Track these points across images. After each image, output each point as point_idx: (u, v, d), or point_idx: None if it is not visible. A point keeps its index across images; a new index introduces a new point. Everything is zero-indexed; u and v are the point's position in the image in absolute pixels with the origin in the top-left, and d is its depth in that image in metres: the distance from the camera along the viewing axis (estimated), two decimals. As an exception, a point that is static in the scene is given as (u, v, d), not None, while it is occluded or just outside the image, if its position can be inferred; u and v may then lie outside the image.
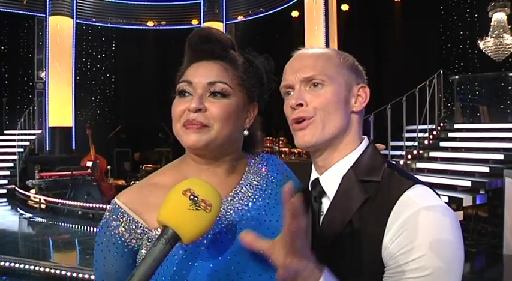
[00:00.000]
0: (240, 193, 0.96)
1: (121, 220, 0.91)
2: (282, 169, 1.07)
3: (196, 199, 0.75)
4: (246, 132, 0.99)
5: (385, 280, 0.80)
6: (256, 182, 0.99)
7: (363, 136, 0.96)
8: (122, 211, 0.91)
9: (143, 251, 0.89)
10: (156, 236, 0.86)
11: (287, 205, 0.72)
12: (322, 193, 0.92)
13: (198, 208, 0.74)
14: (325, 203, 0.92)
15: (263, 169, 1.03)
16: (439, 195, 0.85)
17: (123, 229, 0.90)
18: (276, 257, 0.75)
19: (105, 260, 0.91)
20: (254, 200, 0.96)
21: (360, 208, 0.85)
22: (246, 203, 0.95)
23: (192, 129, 0.89)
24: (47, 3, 10.89)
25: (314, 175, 0.96)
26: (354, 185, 0.88)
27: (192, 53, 0.96)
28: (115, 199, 0.94)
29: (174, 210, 0.74)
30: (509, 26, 7.23)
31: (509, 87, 8.02)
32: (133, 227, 0.90)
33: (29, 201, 8.22)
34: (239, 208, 0.94)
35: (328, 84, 0.90)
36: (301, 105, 0.90)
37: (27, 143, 10.83)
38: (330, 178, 0.92)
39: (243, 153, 1.03)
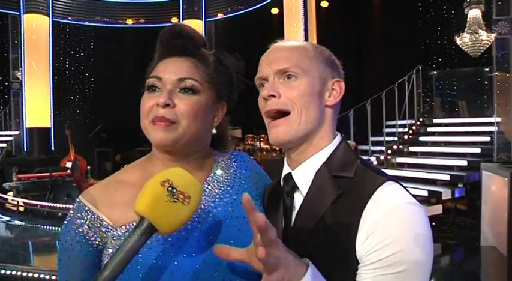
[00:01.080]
0: (206, 190, 0.95)
1: (85, 218, 0.89)
2: (251, 165, 1.06)
3: (174, 190, 0.73)
4: (214, 131, 0.98)
5: (359, 277, 0.79)
6: (223, 179, 0.98)
7: (336, 132, 0.96)
8: (86, 208, 0.90)
9: (109, 249, 0.87)
10: (121, 234, 0.86)
11: (252, 223, 0.68)
12: (295, 188, 0.92)
13: (176, 200, 0.73)
14: (298, 198, 0.91)
15: (231, 166, 1.02)
16: (408, 191, 0.85)
17: (87, 227, 0.88)
18: (255, 264, 0.73)
19: (69, 259, 0.89)
20: (221, 196, 0.95)
21: (333, 203, 0.84)
22: (213, 199, 0.94)
23: (160, 126, 0.89)
24: (21, 0, 10.60)
25: (286, 169, 0.95)
26: (327, 180, 0.87)
27: (163, 48, 0.95)
28: (80, 196, 0.93)
29: (150, 201, 0.72)
30: (484, 23, 7.36)
31: (486, 82, 8.17)
32: (98, 225, 0.88)
33: (7, 204, 8.03)
34: (205, 205, 0.93)
35: (302, 77, 0.89)
36: (273, 96, 0.89)
37: (4, 144, 10.57)
38: (303, 173, 0.91)
39: (211, 150, 1.02)
